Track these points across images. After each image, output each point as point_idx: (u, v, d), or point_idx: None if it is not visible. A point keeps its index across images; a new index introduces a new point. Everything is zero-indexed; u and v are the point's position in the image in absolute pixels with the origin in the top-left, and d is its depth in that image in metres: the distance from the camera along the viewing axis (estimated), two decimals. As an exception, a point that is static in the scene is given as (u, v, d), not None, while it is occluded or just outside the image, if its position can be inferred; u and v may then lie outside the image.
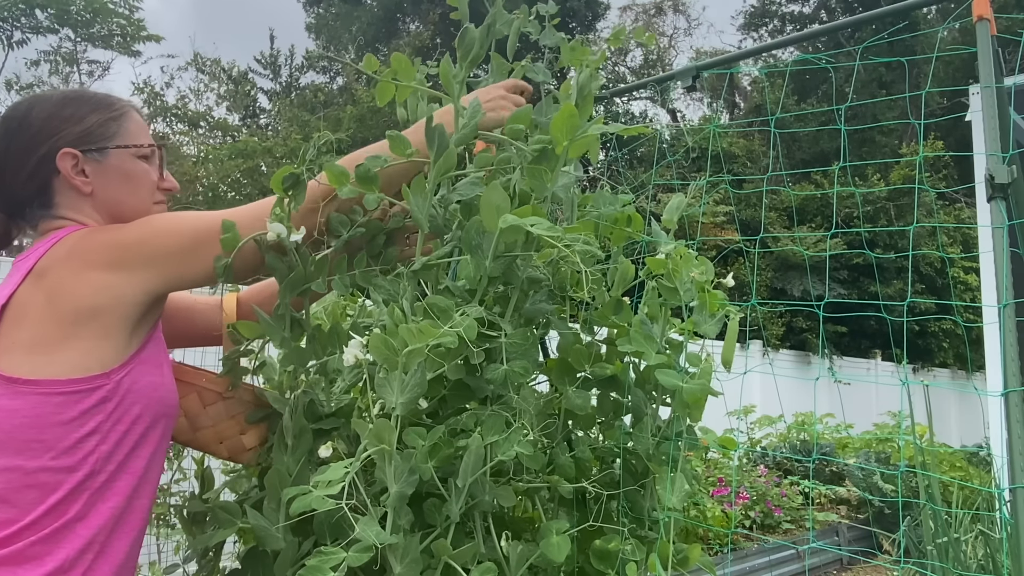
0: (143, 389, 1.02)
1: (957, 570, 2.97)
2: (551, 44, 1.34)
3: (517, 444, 0.95)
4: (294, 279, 1.09)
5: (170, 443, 1.15)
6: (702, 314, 1.11)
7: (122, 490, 1.01)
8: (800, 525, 6.80)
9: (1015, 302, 1.16)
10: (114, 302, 0.99)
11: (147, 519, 1.08)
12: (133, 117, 1.15)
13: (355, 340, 0.96)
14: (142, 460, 1.03)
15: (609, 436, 1.22)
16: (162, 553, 3.17)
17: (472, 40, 1.12)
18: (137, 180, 1.12)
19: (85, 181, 1.09)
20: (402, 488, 0.89)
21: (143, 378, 1.02)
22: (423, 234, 1.11)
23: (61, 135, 1.08)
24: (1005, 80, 1.50)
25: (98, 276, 0.99)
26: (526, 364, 1.01)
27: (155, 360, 1.06)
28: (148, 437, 1.04)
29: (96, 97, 1.14)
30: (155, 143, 1.16)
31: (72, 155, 1.08)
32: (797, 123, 13.61)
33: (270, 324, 1.10)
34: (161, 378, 1.06)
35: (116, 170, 1.11)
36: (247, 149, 12.95)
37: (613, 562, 1.07)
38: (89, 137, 1.09)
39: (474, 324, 0.91)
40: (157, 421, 1.05)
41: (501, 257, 1.02)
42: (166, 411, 1.06)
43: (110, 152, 1.10)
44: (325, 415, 1.12)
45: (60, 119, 1.09)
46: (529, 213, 0.96)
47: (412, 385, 0.89)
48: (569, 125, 1.04)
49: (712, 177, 1.89)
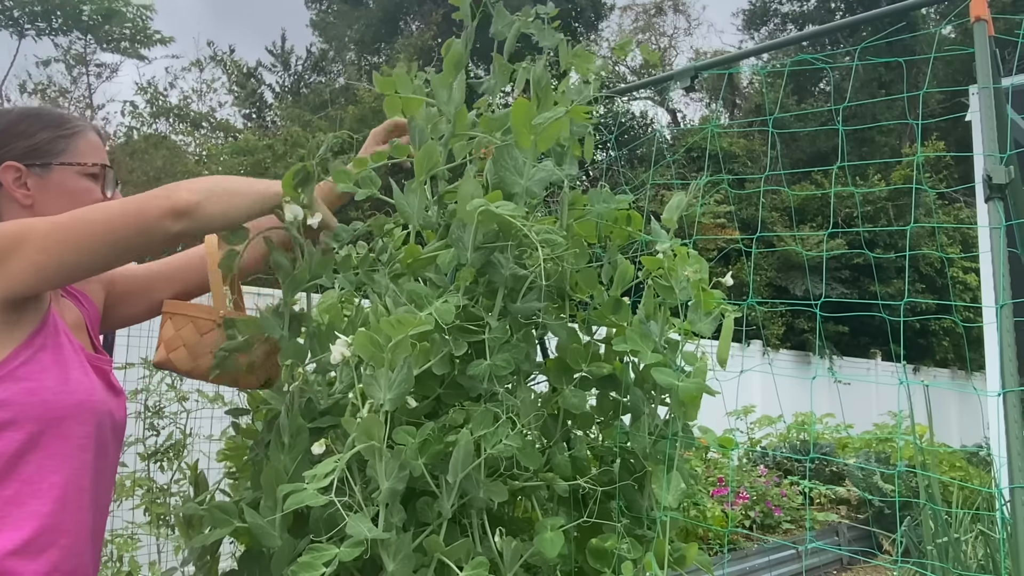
0: (16, 396, 1.00)
1: (957, 570, 2.97)
2: (550, 45, 1.34)
3: (506, 438, 0.95)
4: (296, 279, 1.10)
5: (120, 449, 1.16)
6: (697, 313, 1.11)
7: (20, 500, 0.99)
8: (800, 525, 6.80)
9: (1013, 302, 1.16)
10: None
11: (88, 521, 1.06)
12: (86, 137, 1.19)
13: (341, 339, 0.96)
14: (34, 466, 1.01)
15: (607, 435, 1.22)
16: (162, 553, 3.17)
17: (458, 56, 1.14)
18: (77, 197, 1.15)
19: (26, 194, 1.12)
20: (393, 484, 0.90)
21: (16, 385, 1.00)
22: (413, 231, 1.13)
23: (9, 149, 1.13)
24: (1003, 80, 1.51)
25: None
26: (508, 358, 1.02)
27: (36, 365, 1.03)
28: (39, 443, 1.02)
29: (52, 115, 1.19)
30: (103, 163, 1.20)
31: (15, 168, 1.12)
32: (797, 123, 13.61)
33: (269, 320, 1.11)
34: (42, 382, 1.03)
35: (58, 186, 1.15)
36: (248, 147, 12.96)
37: (610, 561, 1.07)
38: (35, 152, 1.14)
39: (451, 308, 0.92)
40: (47, 426, 1.02)
41: (481, 248, 1.03)
42: (55, 414, 1.03)
43: (53, 168, 1.15)
44: (320, 413, 1.12)
45: (11, 134, 1.14)
46: (499, 198, 0.98)
47: (399, 381, 0.89)
48: (526, 118, 1.04)
49: (712, 177, 1.89)
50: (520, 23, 1.33)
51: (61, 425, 1.04)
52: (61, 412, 1.04)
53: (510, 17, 1.33)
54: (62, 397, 1.05)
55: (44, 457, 1.02)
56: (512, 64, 1.35)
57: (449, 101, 1.15)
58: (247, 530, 1.05)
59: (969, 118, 5.05)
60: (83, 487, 1.07)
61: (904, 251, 6.56)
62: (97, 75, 16.25)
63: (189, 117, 15.94)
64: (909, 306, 11.37)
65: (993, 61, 1.35)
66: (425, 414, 1.08)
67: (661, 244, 1.14)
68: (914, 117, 5.17)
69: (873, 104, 15.64)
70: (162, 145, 13.53)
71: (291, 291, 1.11)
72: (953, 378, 14.72)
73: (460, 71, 1.17)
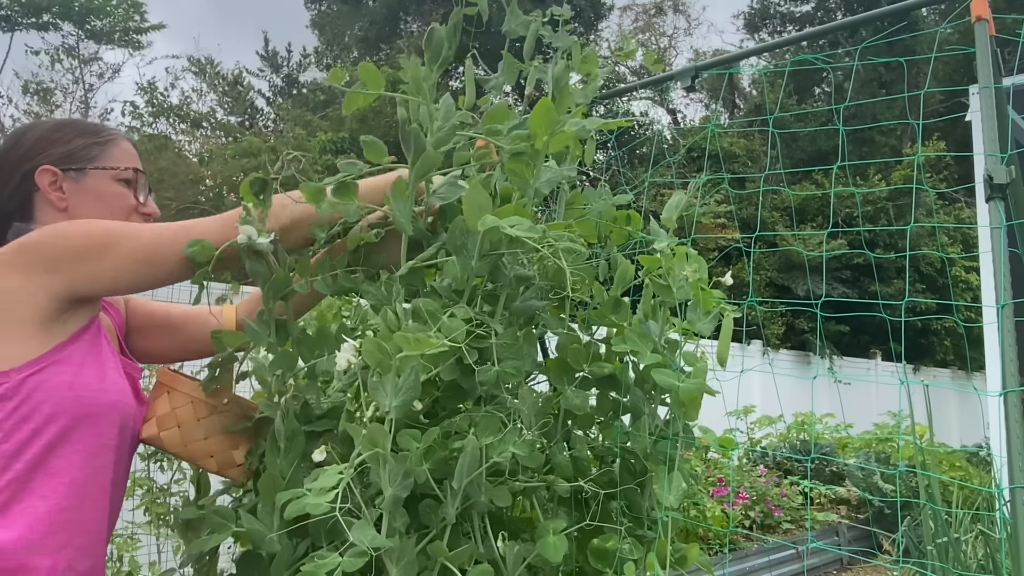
0: (55, 388, 1.01)
1: (957, 570, 2.97)
2: (564, 47, 1.34)
3: (513, 445, 0.94)
4: (275, 283, 1.08)
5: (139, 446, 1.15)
6: (696, 312, 1.11)
7: (43, 492, 1.00)
8: (800, 525, 6.80)
9: (1013, 302, 1.16)
10: (12, 303, 1.00)
11: (104, 522, 1.07)
12: (120, 145, 1.23)
13: (347, 344, 0.95)
14: (63, 460, 1.02)
15: (608, 436, 1.22)
16: (162, 553, 3.17)
17: (440, 41, 1.10)
18: (111, 201, 1.20)
19: (61, 197, 1.17)
20: (397, 491, 0.89)
21: (56, 377, 1.02)
22: (407, 238, 1.11)
23: (46, 154, 1.17)
24: (1004, 80, 1.50)
25: (2, 279, 1.00)
26: (518, 364, 1.01)
27: (76, 360, 1.05)
28: (70, 438, 1.03)
29: (87, 125, 1.25)
30: (137, 169, 1.23)
31: (51, 172, 1.16)
32: (797, 123, 13.61)
33: (255, 330, 1.10)
34: (81, 378, 1.04)
35: (92, 190, 1.19)
36: (251, 148, 12.97)
37: (611, 561, 1.07)
38: (71, 158, 1.18)
39: (463, 326, 0.91)
40: (80, 421, 1.03)
41: (487, 256, 1.02)
42: (89, 411, 1.05)
43: (88, 172, 1.19)
44: (317, 416, 1.11)
45: (48, 141, 1.18)
46: (511, 212, 0.96)
47: (406, 388, 0.88)
48: (547, 119, 1.03)
49: (712, 176, 1.89)
50: (537, 24, 1.33)
51: (92, 422, 1.05)
52: (94, 409, 1.06)
53: (524, 17, 1.32)
54: (98, 395, 1.06)
55: (71, 452, 1.03)
56: (519, 63, 1.34)
57: (428, 97, 1.09)
58: (246, 533, 1.05)
59: (969, 118, 5.05)
60: (103, 487, 1.08)
61: (904, 251, 6.56)
62: (99, 75, 16.28)
63: (189, 117, 15.95)
64: (909, 306, 11.37)
65: (994, 61, 1.35)
66: (423, 415, 1.07)
67: (659, 243, 1.13)
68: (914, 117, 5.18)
69: (873, 104, 15.64)
70: (165, 147, 13.54)
71: (271, 296, 1.09)
72: (953, 378, 14.72)
73: (444, 67, 1.13)
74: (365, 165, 1.12)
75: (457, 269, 1.01)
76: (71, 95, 15.98)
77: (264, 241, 1.06)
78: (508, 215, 0.95)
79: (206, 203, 12.49)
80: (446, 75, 16.17)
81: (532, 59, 1.32)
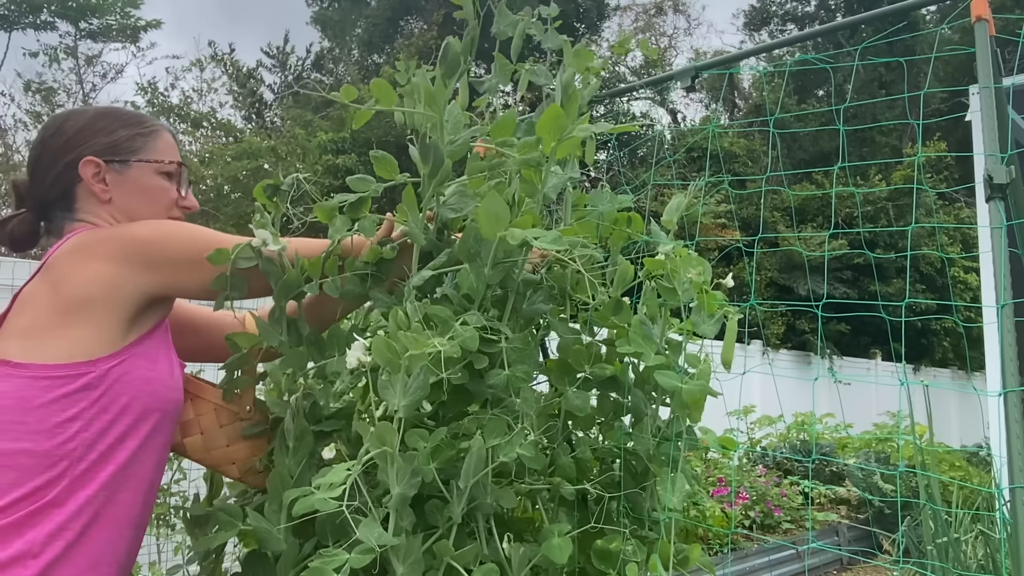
0: (134, 381, 1.04)
1: (957, 570, 2.97)
2: (553, 47, 1.34)
3: (519, 447, 0.95)
4: (287, 283, 1.09)
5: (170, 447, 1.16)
6: (700, 314, 1.11)
7: (103, 480, 1.02)
8: (800, 525, 6.80)
9: (1013, 302, 1.16)
10: (109, 293, 1.02)
11: (136, 517, 1.07)
12: (163, 137, 1.23)
13: (358, 343, 0.96)
14: (127, 452, 1.04)
15: (609, 437, 1.22)
16: (162, 553, 3.17)
17: (456, 57, 1.11)
18: (154, 194, 1.19)
19: (104, 188, 1.15)
20: (404, 490, 0.89)
21: (135, 370, 1.04)
22: (419, 248, 1.12)
23: (89, 144, 1.16)
24: (1004, 80, 1.51)
25: (99, 267, 1.02)
26: (527, 368, 1.01)
27: (151, 355, 1.07)
28: (137, 429, 1.05)
29: (129, 115, 1.23)
30: (179, 162, 1.23)
31: (95, 163, 1.15)
32: (797, 123, 13.61)
33: (266, 328, 1.11)
34: (155, 373, 1.07)
35: (135, 182, 1.18)
36: (251, 149, 12.95)
37: (614, 562, 1.07)
38: (115, 149, 1.17)
39: (475, 335, 0.91)
40: (148, 414, 1.06)
41: (500, 264, 1.02)
42: (160, 406, 1.07)
43: (132, 164, 1.18)
44: (326, 416, 1.11)
45: (92, 131, 1.17)
46: (529, 223, 0.97)
47: (415, 388, 0.89)
48: (556, 125, 1.04)
49: (712, 177, 1.90)
50: (524, 23, 1.32)
51: (160, 418, 1.08)
52: (164, 405, 1.08)
53: (513, 17, 1.32)
54: (169, 392, 1.09)
55: (138, 447, 1.05)
56: (512, 64, 1.34)
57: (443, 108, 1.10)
58: (251, 533, 1.05)
59: (969, 118, 5.05)
60: (154, 484, 1.10)
61: (904, 251, 6.55)
62: (103, 75, 16.29)
63: (190, 117, 15.94)
64: (909, 306, 11.36)
65: (994, 61, 1.35)
66: (429, 416, 1.08)
67: (664, 246, 1.13)
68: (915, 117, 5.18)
69: (874, 104, 15.64)
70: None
71: (283, 296, 1.11)
72: (953, 378, 14.71)
73: (461, 76, 1.15)
74: (375, 181, 1.13)
75: (472, 278, 1.02)
76: (74, 95, 15.99)
77: (275, 248, 1.08)
78: (523, 225, 0.96)
79: (206, 203, 12.48)
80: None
81: (522, 59, 1.32)
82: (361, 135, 12.36)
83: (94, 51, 15.93)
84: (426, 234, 1.11)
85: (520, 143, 1.09)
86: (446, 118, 1.10)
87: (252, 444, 1.17)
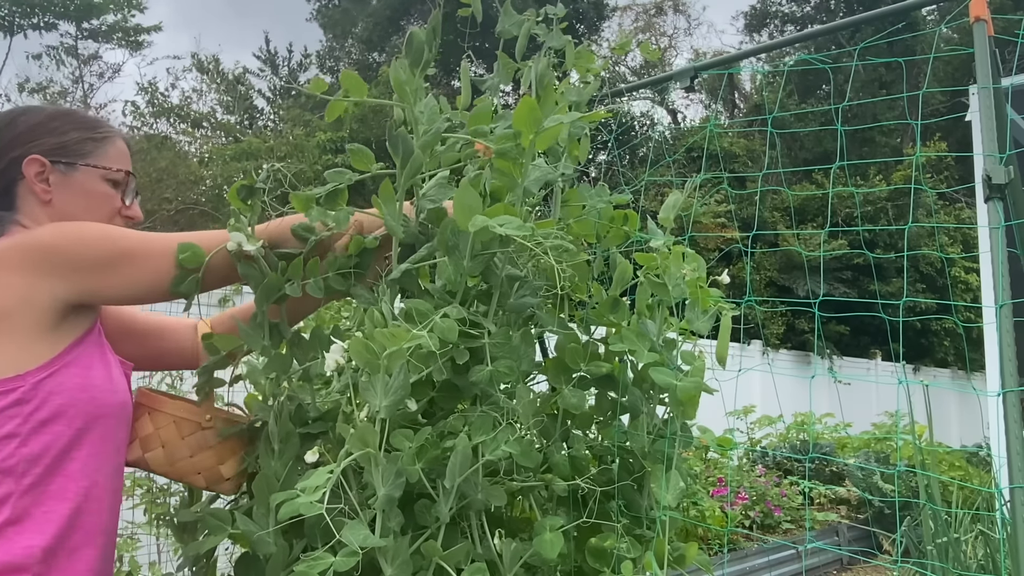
0: (69, 390, 1.00)
1: (957, 570, 2.97)
2: (557, 47, 1.33)
3: (506, 443, 0.94)
4: (268, 286, 1.08)
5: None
6: (694, 311, 1.11)
7: (58, 493, 0.99)
8: (800, 525, 6.80)
9: (1012, 302, 1.16)
10: (22, 305, 0.98)
11: (104, 523, 1.05)
12: (116, 144, 1.19)
13: (336, 345, 0.95)
14: (77, 462, 1.01)
15: (606, 435, 1.22)
16: (163, 553, 3.16)
17: (420, 45, 1.08)
18: (97, 200, 1.16)
19: (46, 189, 1.12)
20: (390, 491, 0.89)
21: (69, 379, 1.01)
22: (397, 241, 1.10)
23: (38, 143, 1.12)
24: (1003, 80, 1.51)
25: (7, 278, 0.98)
26: (511, 363, 1.00)
27: (84, 362, 1.04)
28: (83, 438, 1.02)
29: (85, 119, 1.20)
30: (128, 171, 1.20)
31: (40, 162, 1.12)
32: (797, 123, 13.61)
33: (249, 333, 1.09)
34: (91, 379, 1.03)
35: (79, 186, 1.14)
36: (250, 149, 12.95)
37: (609, 560, 1.07)
38: (63, 150, 1.14)
39: (454, 326, 0.91)
40: (92, 421, 1.03)
41: (479, 256, 1.01)
42: (103, 411, 1.04)
43: (78, 168, 1.14)
44: (311, 419, 1.10)
45: (44, 129, 1.14)
46: (501, 212, 0.96)
47: (396, 387, 0.88)
48: (531, 117, 1.03)
49: (710, 175, 1.90)
50: (529, 23, 1.32)
51: (105, 424, 1.05)
52: (107, 410, 1.05)
53: (518, 16, 1.32)
54: (108, 396, 1.06)
55: (88, 456, 1.02)
56: (515, 63, 1.34)
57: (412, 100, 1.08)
58: (243, 534, 1.04)
59: (969, 118, 5.05)
60: (115, 489, 1.08)
61: (904, 251, 6.57)
62: (100, 75, 16.29)
63: (190, 117, 15.94)
64: (909, 306, 11.36)
65: (993, 61, 1.35)
66: (421, 415, 1.07)
67: (655, 241, 1.13)
68: (914, 117, 5.17)
69: (873, 104, 15.64)
70: (164, 147, 13.51)
71: (264, 299, 1.09)
72: (953, 378, 14.70)
73: (424, 66, 1.12)
74: (354, 174, 1.12)
75: (450, 269, 1.01)
76: (71, 95, 15.97)
77: (252, 248, 1.06)
78: (497, 214, 0.96)
79: (206, 203, 12.47)
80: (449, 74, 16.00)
81: (527, 58, 1.32)
82: (360, 134, 12.36)
83: (92, 51, 15.93)
84: (407, 227, 1.09)
85: (497, 135, 1.09)
86: (420, 109, 1.09)
87: (217, 452, 1.14)
